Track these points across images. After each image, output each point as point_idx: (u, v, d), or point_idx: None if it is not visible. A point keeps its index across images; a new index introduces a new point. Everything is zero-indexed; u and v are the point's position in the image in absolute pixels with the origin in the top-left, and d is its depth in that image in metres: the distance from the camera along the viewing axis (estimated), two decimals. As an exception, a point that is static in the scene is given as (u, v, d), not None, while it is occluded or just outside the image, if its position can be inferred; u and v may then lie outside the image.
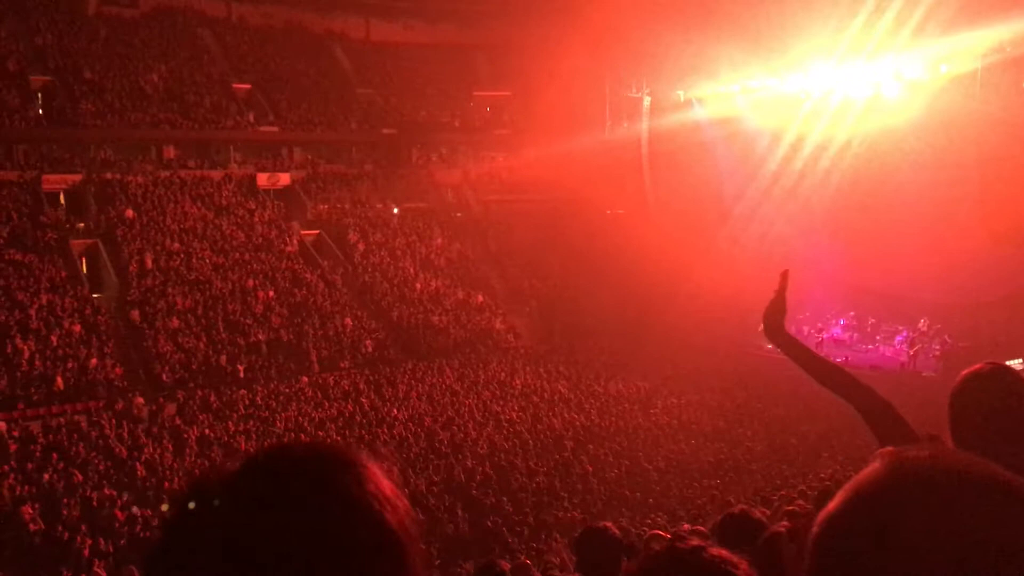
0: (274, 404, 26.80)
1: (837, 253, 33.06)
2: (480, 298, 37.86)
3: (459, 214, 44.86)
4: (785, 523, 4.86)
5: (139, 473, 20.94)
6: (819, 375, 2.84)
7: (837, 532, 0.85)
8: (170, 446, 22.92)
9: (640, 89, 42.32)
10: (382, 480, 0.94)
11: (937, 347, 30.66)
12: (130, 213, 35.44)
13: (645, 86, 42.15)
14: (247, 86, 44.54)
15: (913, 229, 29.59)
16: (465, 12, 49.00)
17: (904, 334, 32.13)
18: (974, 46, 28.95)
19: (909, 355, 30.74)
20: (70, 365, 26.61)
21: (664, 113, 41.76)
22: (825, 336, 33.04)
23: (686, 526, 9.28)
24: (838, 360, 31.43)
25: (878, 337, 33.17)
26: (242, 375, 29.02)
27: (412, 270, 38.57)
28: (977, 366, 2.32)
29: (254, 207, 39.15)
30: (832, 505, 0.87)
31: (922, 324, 31.80)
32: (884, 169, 31.96)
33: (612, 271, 37.65)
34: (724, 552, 1.50)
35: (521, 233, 42.76)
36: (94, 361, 27.06)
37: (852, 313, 33.96)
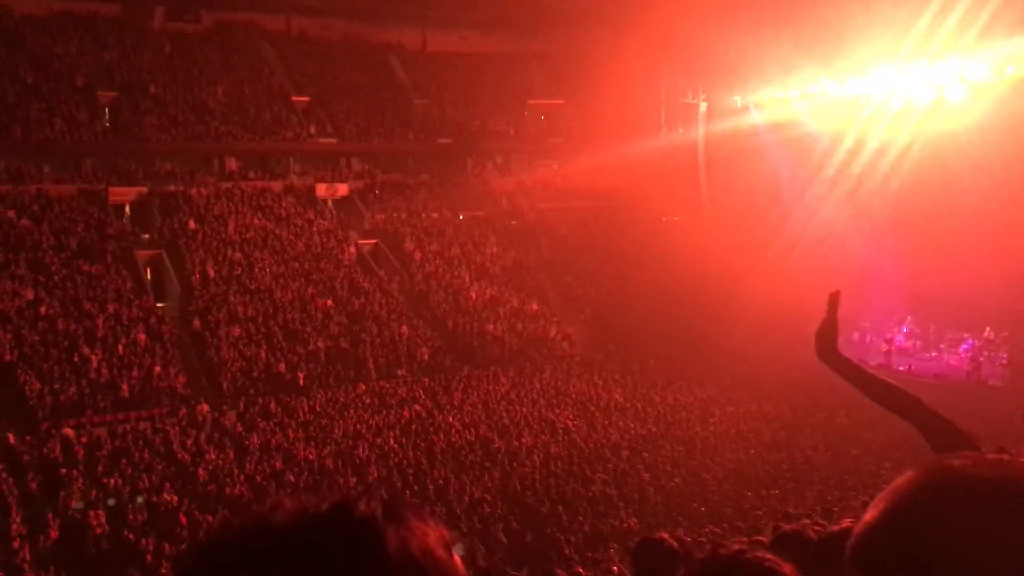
0: (332, 411, 27.11)
1: (898, 259, 32.40)
2: (535, 306, 37.88)
3: (513, 222, 44.98)
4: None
5: (200, 478, 21.36)
6: (874, 394, 2.79)
7: (872, 543, 0.83)
8: (231, 453, 23.34)
9: (696, 95, 42.06)
10: (428, 538, 0.87)
11: (1004, 355, 29.83)
12: (192, 224, 36.25)
13: (701, 92, 41.86)
14: (306, 98, 45.28)
15: (977, 235, 28.88)
16: (519, 21, 49.17)
17: (970, 342, 31.32)
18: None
19: (974, 364, 29.94)
20: (135, 373, 27.28)
21: (720, 119, 41.39)
22: (893, 345, 32.32)
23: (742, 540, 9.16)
24: (901, 369, 30.89)
25: (942, 345, 32.39)
26: (301, 383, 29.43)
27: (467, 278, 38.76)
28: None
29: (313, 217, 39.75)
30: (867, 516, 0.86)
31: (988, 332, 30.98)
32: (947, 174, 31.22)
33: (667, 278, 37.38)
34: (767, 555, 1.50)
35: (575, 240, 42.71)
36: (158, 369, 27.70)
37: (910, 318, 33.21)
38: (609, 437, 25.59)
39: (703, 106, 42.06)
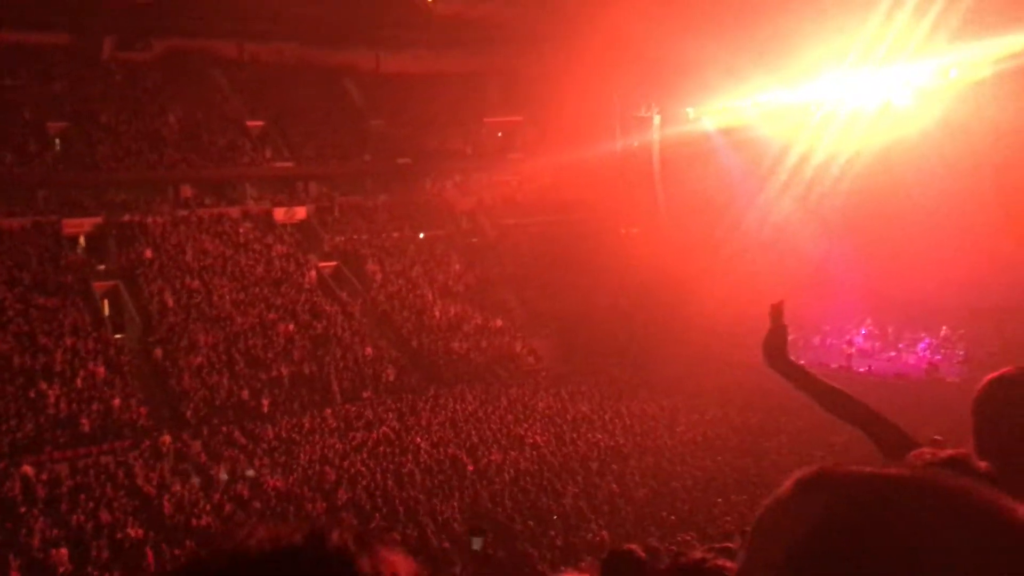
0: (298, 437, 26.85)
1: (853, 262, 32.91)
2: (499, 322, 37.89)
3: (475, 239, 45.04)
4: None
5: (166, 511, 21.03)
6: (824, 401, 2.83)
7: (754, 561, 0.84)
8: (197, 483, 23.02)
9: (649, 108, 42.48)
10: (399, 569, 0.86)
11: (961, 352, 30.38)
12: (149, 253, 35.82)
13: (654, 105, 42.30)
14: (261, 123, 45.06)
15: (929, 237, 29.45)
16: (473, 40, 49.36)
17: (927, 341, 31.85)
18: (986, 53, 28.89)
19: (932, 361, 30.46)
20: (95, 407, 26.83)
21: (675, 131, 41.86)
22: (853, 347, 32.75)
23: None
24: (862, 370, 31.32)
25: (901, 345, 32.89)
26: (266, 409, 29.13)
27: (430, 297, 38.69)
28: (1002, 370, 2.26)
29: (272, 242, 39.48)
30: (759, 513, 0.87)
31: (944, 330, 31.54)
32: (897, 178, 31.84)
33: (629, 288, 37.62)
34: (726, 562, 1.53)
35: (537, 255, 42.85)
36: (118, 402, 27.27)
37: (869, 321, 33.72)
38: (578, 450, 25.62)
39: (656, 119, 42.51)
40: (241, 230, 39.53)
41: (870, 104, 33.59)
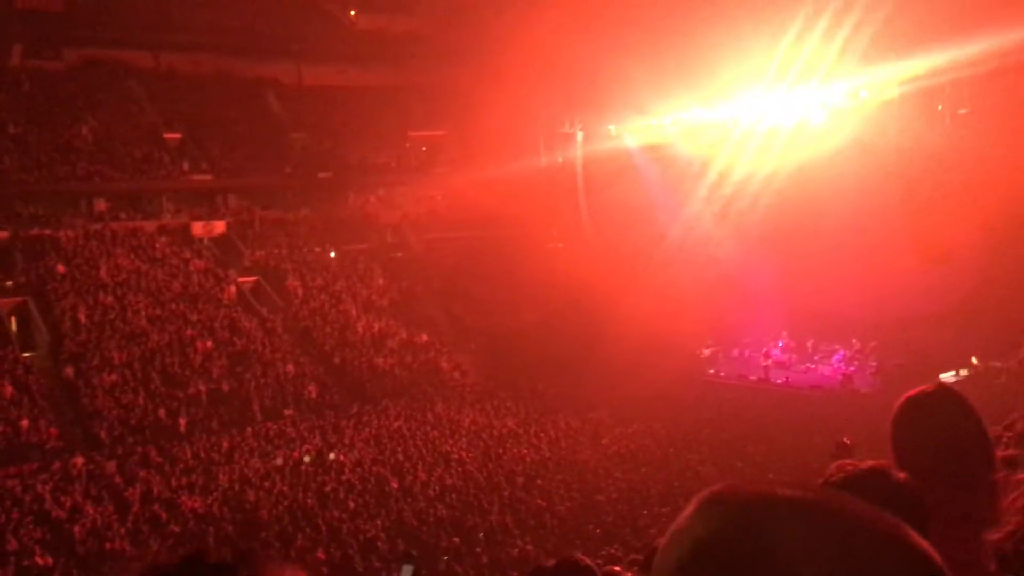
0: (217, 457, 26.20)
1: (770, 276, 33.73)
2: (424, 337, 37.67)
3: (400, 254, 44.78)
4: None
5: (77, 535, 20.25)
6: None
7: (656, 571, 0.85)
8: (111, 506, 22.25)
9: (573, 124, 42.96)
10: None
11: (874, 364, 31.37)
12: (61, 268, 34.62)
13: (577, 121, 42.80)
14: (178, 135, 44.07)
15: (841, 252, 30.37)
16: (396, 55, 49.30)
17: (841, 353, 32.79)
18: (893, 75, 30.05)
19: (846, 373, 31.35)
20: (1, 429, 25.73)
21: (597, 147, 42.44)
22: (771, 360, 33.49)
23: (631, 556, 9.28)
24: (780, 381, 32.08)
25: (816, 357, 33.80)
26: (183, 429, 28.37)
27: (354, 312, 38.27)
28: (920, 388, 2.32)
29: (189, 256, 38.57)
30: (664, 540, 0.87)
31: (855, 343, 32.53)
32: (811, 194, 32.82)
33: (555, 303, 37.83)
34: (614, 567, 1.56)
35: (463, 270, 42.80)
36: (26, 423, 26.21)
37: (785, 334, 34.58)
38: (504, 466, 25.57)
39: (579, 135, 43.01)
40: (157, 244, 38.53)
41: (786, 122, 34.58)
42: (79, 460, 24.98)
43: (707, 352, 35.40)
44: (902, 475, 1.85)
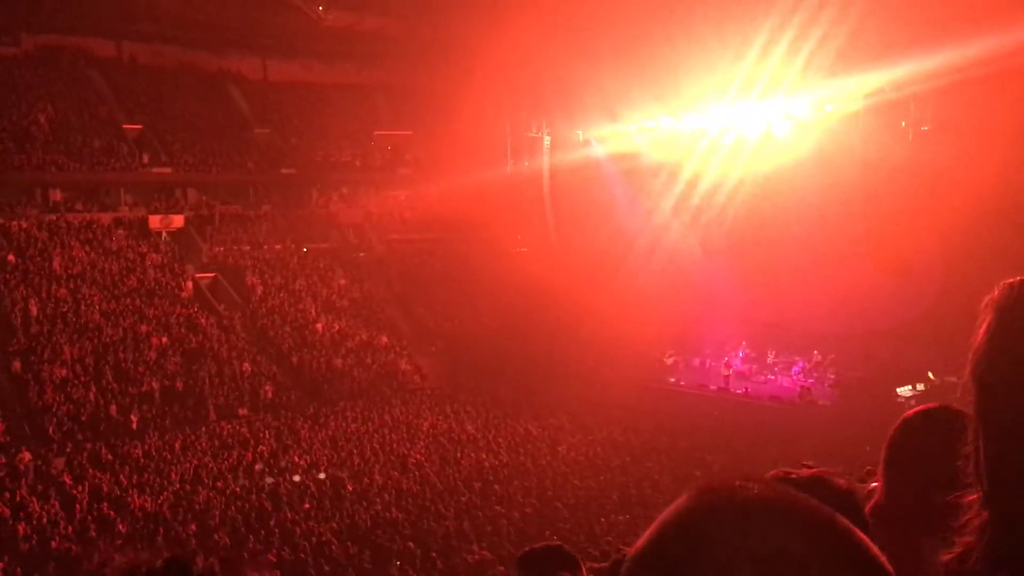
0: (169, 456, 25.69)
1: (734, 286, 33.89)
2: (384, 339, 37.34)
3: (362, 254, 44.39)
4: None
5: (21, 533, 19.68)
6: None
7: (642, 566, 0.86)
8: (57, 503, 21.67)
9: (540, 129, 42.90)
10: None
11: (832, 376, 31.62)
12: (12, 258, 33.81)
13: (545, 125, 42.75)
14: (138, 127, 43.31)
15: (804, 264, 30.58)
16: (364, 53, 48.92)
17: (800, 365, 33.03)
18: (857, 88, 30.38)
19: (805, 385, 31.57)
20: (-55, 422, 25.01)
21: (564, 152, 42.40)
22: (732, 370, 33.62)
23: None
24: (739, 392, 32.21)
25: (776, 368, 34.01)
26: (135, 426, 27.79)
27: (313, 312, 37.82)
28: (919, 407, 2.22)
29: (146, 250, 37.89)
30: (640, 540, 0.88)
31: (816, 355, 32.78)
32: (776, 205, 33.05)
33: (518, 308, 37.70)
34: None
35: (426, 272, 42.55)
36: (-29, 416, 25.50)
37: (745, 344, 34.77)
38: (461, 470, 25.37)
39: (547, 139, 42.97)
40: (114, 237, 37.81)
41: (751, 134, 34.82)
42: (26, 456, 24.35)
43: (669, 361, 35.46)
44: (843, 482, 1.81)
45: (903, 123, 30.45)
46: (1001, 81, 25.39)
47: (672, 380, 34.89)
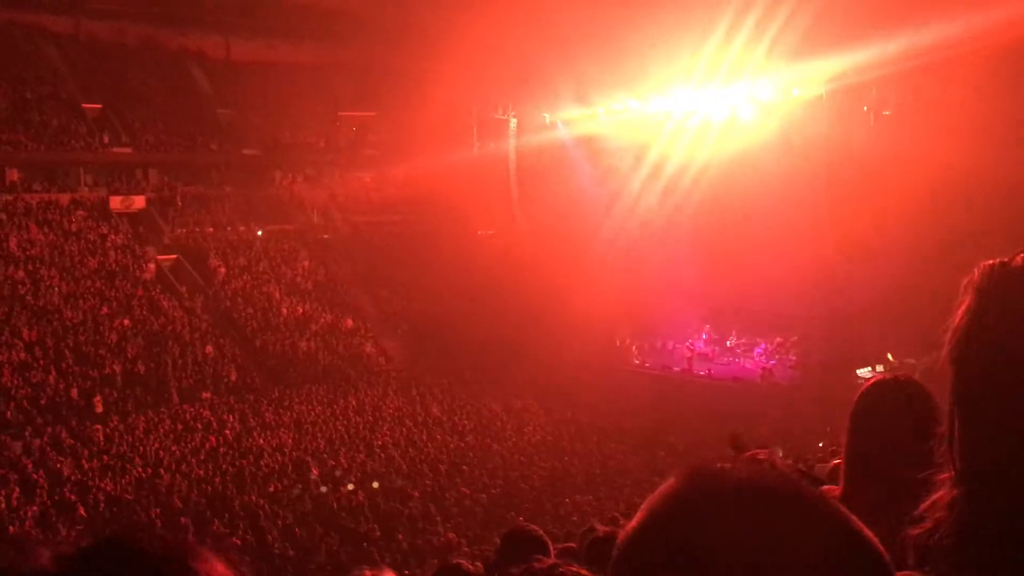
0: (131, 439, 25.43)
1: (698, 269, 34.16)
2: (349, 322, 37.18)
3: (326, 236, 44.06)
4: None
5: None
6: None
7: (633, 549, 0.86)
8: (17, 489, 21.37)
9: (507, 111, 42.76)
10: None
11: (793, 358, 32.06)
12: (-33, 240, 33.16)
13: (511, 108, 42.61)
14: (98, 106, 42.49)
15: (768, 246, 30.89)
16: (329, 32, 48.33)
17: (763, 346, 33.43)
18: (821, 72, 30.65)
19: (766, 366, 31.97)
20: (-101, 406, 24.54)
21: (531, 134, 42.34)
22: (695, 352, 33.94)
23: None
24: (703, 373, 32.55)
25: (738, 350, 34.39)
26: (97, 409, 27.45)
27: (277, 295, 37.53)
28: (878, 376, 2.32)
29: (106, 232, 37.30)
30: (630, 524, 0.88)
31: (777, 337, 33.18)
32: (741, 188, 33.30)
33: (484, 290, 37.70)
34: (581, 568, 1.56)
35: (391, 254, 42.35)
36: (-74, 400, 25.05)
37: (708, 327, 35.12)
38: (427, 452, 25.43)
39: (513, 122, 42.85)
40: (73, 218, 37.16)
41: (717, 117, 35.00)
42: (-17, 440, 23.97)
43: (634, 345, 35.70)
44: (792, 464, 1.87)
45: (865, 108, 30.79)
46: (958, 66, 25.77)
47: (637, 362, 35.16)
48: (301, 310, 36.84)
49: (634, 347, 35.27)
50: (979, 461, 1.10)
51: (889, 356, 27.58)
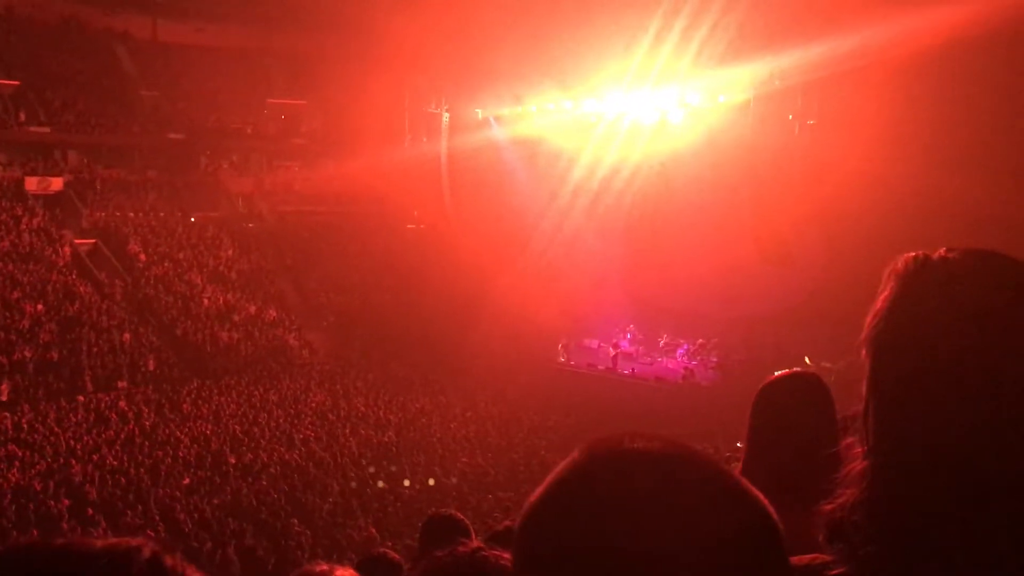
0: (43, 428, 24.59)
1: (626, 268, 34.60)
2: (273, 313, 36.59)
3: (251, 224, 43.28)
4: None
5: None
6: None
7: (535, 518, 0.89)
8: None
9: (439, 105, 42.61)
10: None
11: (714, 359, 32.69)
12: None
13: (444, 102, 42.48)
14: (15, 83, 40.97)
15: (692, 248, 31.47)
16: (260, 17, 47.42)
17: (685, 347, 34.01)
18: (747, 78, 31.34)
19: (688, 367, 32.54)
20: None
21: (463, 130, 42.28)
22: (619, 350, 34.34)
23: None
24: (626, 372, 32.95)
25: (662, 350, 34.91)
26: (5, 397, 26.49)
27: (199, 283, 36.72)
28: (780, 372, 2.38)
29: (21, 213, 36.00)
30: (534, 494, 0.91)
31: (699, 339, 33.81)
32: (669, 190, 33.85)
33: (413, 285, 37.53)
34: (504, 553, 1.61)
35: (318, 246, 41.81)
36: None
37: (632, 326, 35.59)
38: (350, 447, 25.19)
39: (446, 116, 42.74)
40: (-15, 199, 35.80)
41: (647, 120, 35.49)
42: None
43: (560, 343, 35.96)
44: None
45: (790, 116, 31.57)
46: (877, 74, 26.59)
47: (562, 359, 35.42)
48: (223, 300, 36.12)
49: (560, 345, 35.51)
50: (889, 437, 1.16)
51: (806, 359, 28.28)
